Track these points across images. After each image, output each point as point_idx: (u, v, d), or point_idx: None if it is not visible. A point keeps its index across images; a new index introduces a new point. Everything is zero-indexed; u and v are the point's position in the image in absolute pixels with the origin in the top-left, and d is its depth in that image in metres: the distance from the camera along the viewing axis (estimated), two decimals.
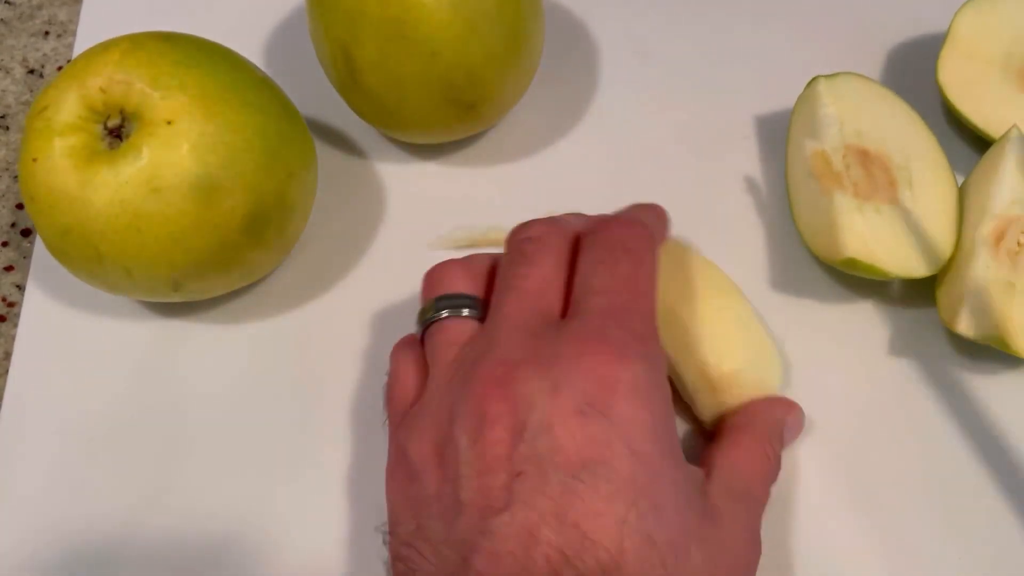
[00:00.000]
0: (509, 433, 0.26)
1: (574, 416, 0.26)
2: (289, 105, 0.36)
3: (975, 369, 0.36)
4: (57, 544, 0.33)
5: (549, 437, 0.26)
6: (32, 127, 0.32)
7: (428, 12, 0.34)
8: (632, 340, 0.28)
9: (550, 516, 0.25)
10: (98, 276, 0.34)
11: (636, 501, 0.25)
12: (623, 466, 0.26)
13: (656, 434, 0.27)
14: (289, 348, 0.38)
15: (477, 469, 0.26)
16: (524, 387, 0.27)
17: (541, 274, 0.30)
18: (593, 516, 0.25)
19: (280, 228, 0.35)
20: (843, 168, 0.38)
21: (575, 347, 0.27)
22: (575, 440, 0.26)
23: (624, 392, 0.27)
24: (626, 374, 0.27)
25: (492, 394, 0.27)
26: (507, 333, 0.29)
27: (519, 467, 0.26)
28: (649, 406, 0.27)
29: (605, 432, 0.26)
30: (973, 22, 0.42)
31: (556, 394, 0.26)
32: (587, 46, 0.46)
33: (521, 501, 0.25)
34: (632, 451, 0.26)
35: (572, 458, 0.26)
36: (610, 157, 0.42)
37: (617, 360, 0.27)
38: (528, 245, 0.31)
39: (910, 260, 0.36)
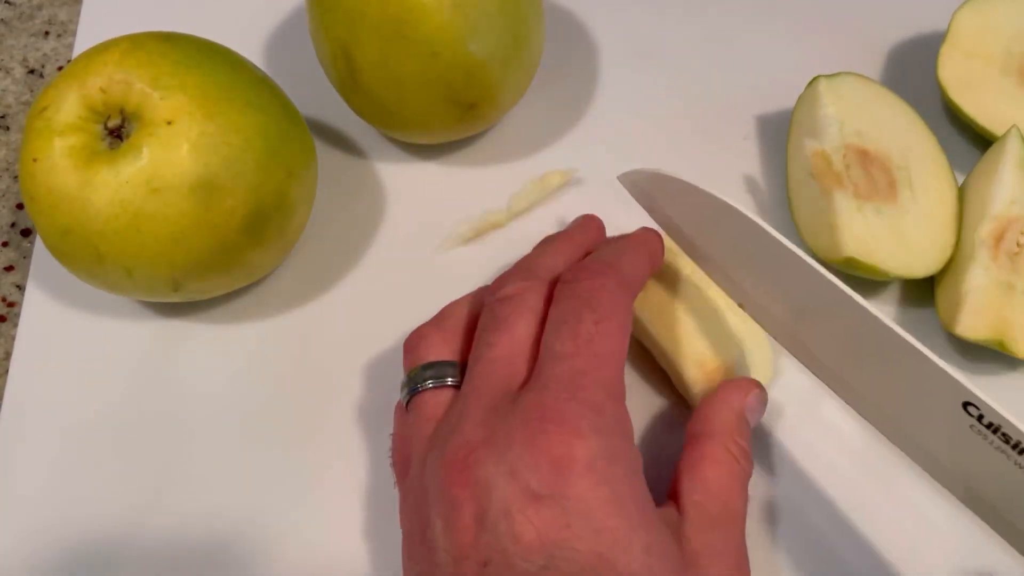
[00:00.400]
0: (473, 520, 0.27)
1: (530, 502, 0.26)
2: (289, 105, 0.36)
3: (974, 370, 0.36)
4: (57, 544, 0.33)
5: (508, 524, 0.26)
6: (32, 127, 0.32)
7: (428, 12, 0.34)
8: (588, 412, 0.27)
9: None
10: (98, 276, 0.34)
11: (599, 573, 0.25)
12: (584, 545, 0.26)
13: (619, 506, 0.26)
14: (289, 348, 0.38)
15: (453, 556, 0.27)
16: (482, 471, 0.27)
17: (510, 339, 0.30)
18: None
19: (280, 228, 0.35)
20: (843, 168, 0.38)
21: (529, 428, 0.27)
22: (533, 526, 0.26)
23: (580, 471, 0.26)
24: (581, 452, 0.27)
25: (455, 479, 0.27)
26: (471, 410, 0.29)
27: (485, 556, 0.26)
28: (608, 481, 0.27)
29: (562, 515, 0.26)
30: (972, 20, 0.42)
31: (512, 479, 0.26)
32: (587, 46, 0.46)
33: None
34: (594, 529, 0.26)
35: (533, 545, 0.26)
36: (610, 157, 0.42)
37: (570, 439, 0.27)
38: (501, 308, 0.31)
39: (909, 260, 0.36)
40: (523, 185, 0.41)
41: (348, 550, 0.33)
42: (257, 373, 0.37)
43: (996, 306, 0.34)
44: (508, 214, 0.40)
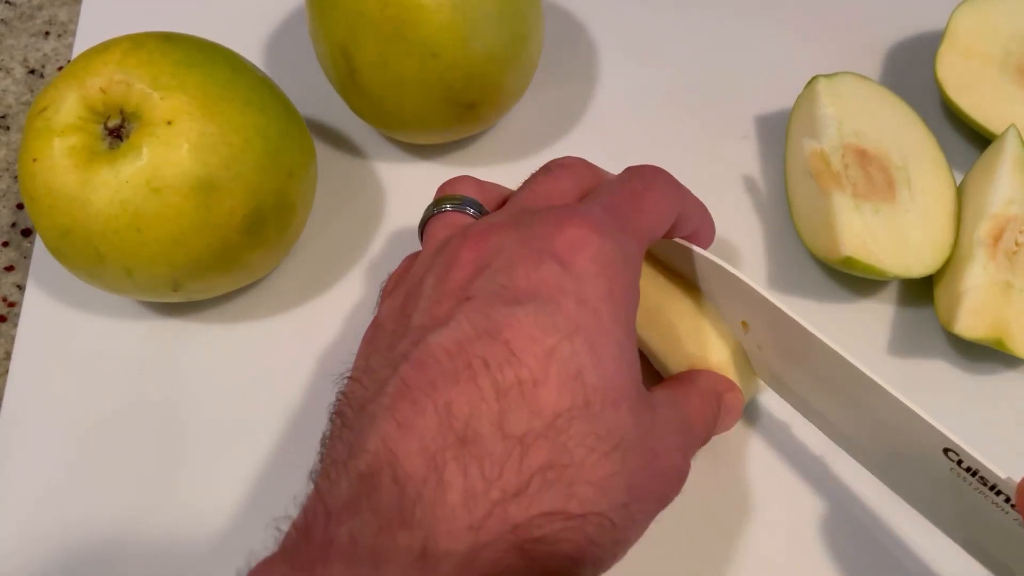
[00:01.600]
0: (472, 271, 0.27)
1: (535, 258, 0.26)
2: (289, 105, 0.36)
3: (973, 369, 0.37)
4: (57, 544, 0.33)
5: (507, 274, 0.26)
6: (32, 127, 0.32)
7: (428, 13, 0.35)
8: (614, 225, 0.28)
9: (484, 333, 0.25)
10: (98, 276, 0.34)
11: (572, 339, 0.25)
12: (568, 308, 0.26)
13: (611, 300, 0.27)
14: (289, 347, 0.38)
15: (433, 299, 0.27)
16: (498, 239, 0.28)
17: (555, 185, 0.31)
18: (525, 339, 0.25)
19: (280, 228, 0.35)
20: (842, 168, 0.38)
21: (557, 214, 0.28)
22: (530, 278, 0.26)
23: (589, 255, 0.27)
24: (596, 241, 0.27)
25: (468, 244, 0.28)
26: (504, 211, 0.30)
27: (470, 293, 0.26)
28: (609, 276, 0.27)
29: (560, 278, 0.26)
30: (971, 20, 0.42)
31: (525, 244, 0.27)
32: (586, 47, 0.46)
33: (462, 318, 0.26)
34: (581, 300, 0.26)
35: (521, 291, 0.26)
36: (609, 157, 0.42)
37: (590, 230, 0.27)
38: (555, 166, 0.32)
39: (908, 260, 0.36)
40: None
41: None
42: (257, 373, 0.37)
43: (994, 305, 0.34)
44: None
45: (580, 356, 0.25)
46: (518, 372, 0.25)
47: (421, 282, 0.28)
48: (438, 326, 0.26)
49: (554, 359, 0.25)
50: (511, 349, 0.25)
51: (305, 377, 0.37)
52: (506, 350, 0.25)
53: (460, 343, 0.25)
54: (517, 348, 0.25)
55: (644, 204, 0.30)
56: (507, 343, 0.25)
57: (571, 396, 0.25)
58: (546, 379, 0.25)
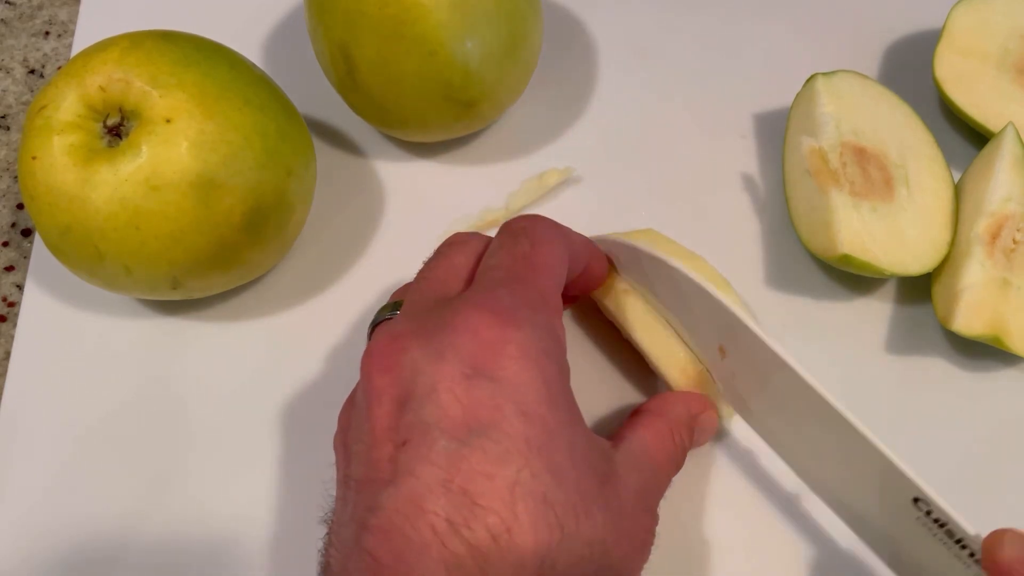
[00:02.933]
0: (394, 404, 0.26)
1: (459, 381, 0.25)
2: (288, 104, 0.36)
3: (971, 366, 0.37)
4: (57, 543, 0.34)
5: (434, 403, 0.25)
6: (31, 125, 0.32)
7: (426, 11, 0.35)
8: (522, 306, 0.27)
9: (436, 484, 0.24)
10: (98, 274, 0.34)
11: (529, 462, 0.24)
12: (513, 428, 0.25)
13: (550, 397, 0.26)
14: (288, 346, 0.38)
15: (367, 444, 0.26)
16: (407, 357, 0.26)
17: (448, 263, 0.30)
18: (482, 479, 0.24)
19: (279, 226, 0.35)
20: (840, 166, 0.38)
21: (461, 314, 0.26)
22: (461, 404, 0.25)
23: (512, 354, 0.26)
24: (514, 336, 0.26)
25: (376, 367, 0.27)
26: (406, 311, 0.29)
27: (404, 436, 0.25)
28: (540, 370, 0.26)
29: (492, 395, 0.25)
30: (968, 18, 0.42)
31: (440, 360, 0.26)
32: (585, 45, 0.46)
33: (406, 471, 0.24)
34: (523, 412, 0.25)
35: (458, 423, 0.25)
36: (608, 155, 0.42)
37: (503, 324, 0.26)
38: (445, 247, 0.31)
39: (905, 258, 0.36)
40: (521, 183, 0.41)
41: None
42: (257, 371, 0.37)
43: (992, 302, 0.35)
44: (506, 212, 0.40)
45: (542, 480, 0.24)
46: (486, 522, 0.24)
47: (350, 420, 0.28)
48: (384, 482, 0.25)
49: (517, 494, 0.24)
50: (471, 498, 0.24)
51: (305, 376, 0.37)
52: (466, 501, 0.24)
53: (414, 502, 0.24)
54: (476, 494, 0.24)
55: (537, 264, 0.29)
56: (465, 492, 0.24)
57: (547, 530, 0.24)
58: (517, 521, 0.24)
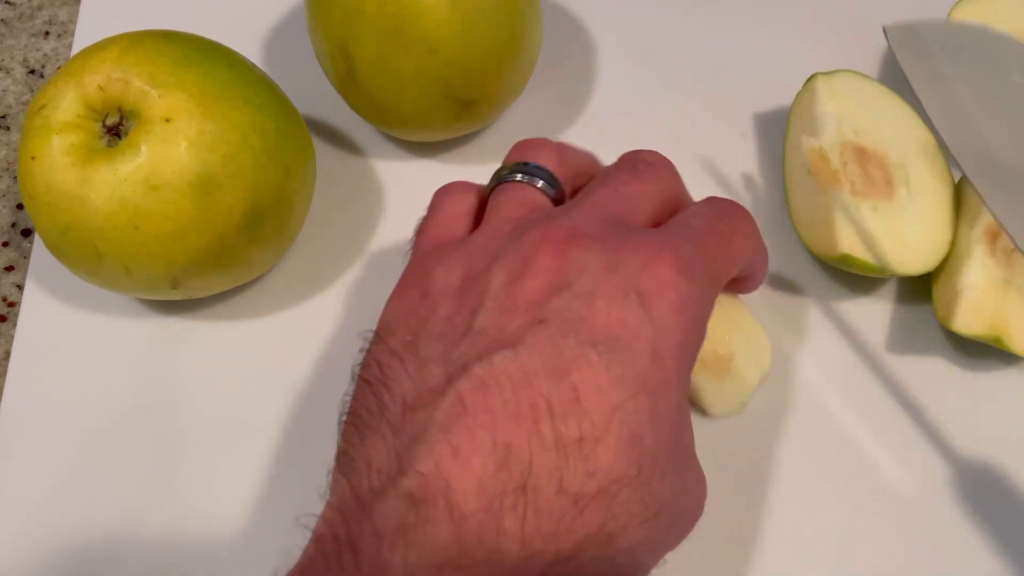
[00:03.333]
0: (549, 285, 0.26)
1: (618, 296, 0.26)
2: (287, 103, 0.36)
3: (971, 367, 0.37)
4: (57, 544, 0.33)
5: (586, 303, 0.25)
6: (31, 125, 0.32)
7: (426, 10, 0.35)
8: (700, 270, 0.27)
9: (552, 369, 0.24)
10: (97, 274, 0.34)
11: (636, 397, 0.25)
12: (641, 360, 0.25)
13: (681, 353, 0.26)
14: (288, 346, 0.38)
15: (502, 304, 0.26)
16: (582, 254, 0.26)
17: (642, 188, 0.30)
18: (593, 388, 0.24)
19: (278, 225, 0.35)
20: (840, 165, 0.38)
21: (648, 245, 0.27)
22: (609, 316, 0.25)
23: (672, 299, 0.26)
24: (682, 287, 0.26)
25: (548, 248, 0.27)
26: (586, 211, 0.29)
27: (545, 315, 0.25)
28: (685, 327, 0.26)
29: (640, 323, 0.25)
30: (968, 17, 0.42)
31: (611, 271, 0.26)
32: (585, 44, 0.46)
33: (532, 344, 0.25)
34: (655, 352, 0.25)
35: (598, 329, 0.25)
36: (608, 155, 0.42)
37: (679, 270, 0.26)
38: (641, 164, 0.31)
39: (906, 258, 0.36)
40: None
41: None
42: (256, 371, 0.37)
43: (992, 302, 0.35)
44: None
45: (640, 417, 0.25)
46: (580, 424, 0.24)
47: (488, 270, 0.27)
48: (505, 344, 0.25)
49: (616, 417, 0.24)
50: (577, 396, 0.24)
51: (305, 375, 0.37)
52: (572, 397, 0.24)
53: (527, 374, 0.24)
54: (583, 396, 0.24)
55: (730, 251, 0.30)
56: (574, 388, 0.24)
57: (626, 462, 0.24)
58: (606, 438, 0.24)
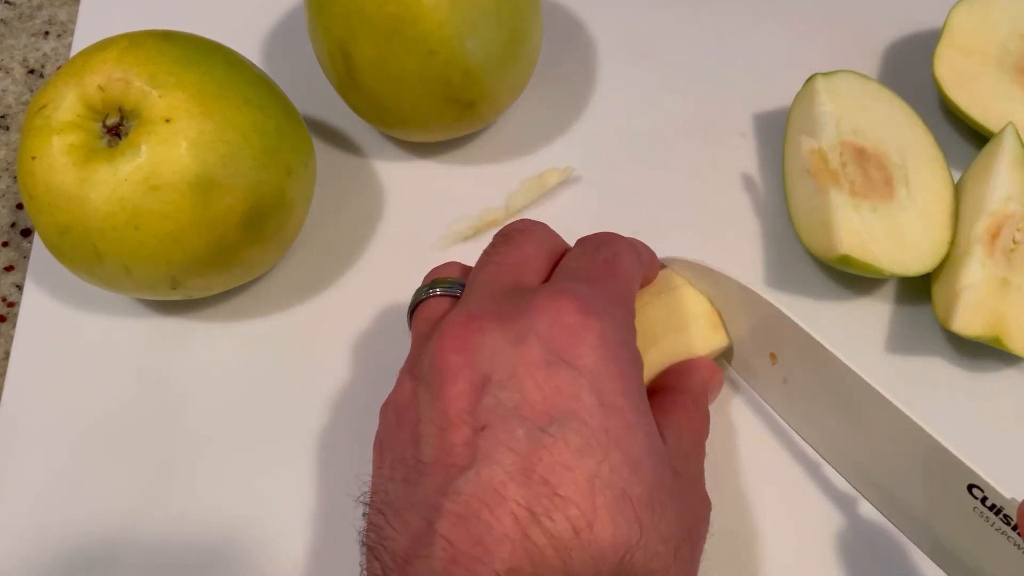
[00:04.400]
0: (471, 386, 0.25)
1: (540, 366, 0.25)
2: (287, 103, 0.36)
3: (971, 367, 0.37)
4: (57, 543, 0.34)
5: (514, 388, 0.25)
6: (31, 125, 0.32)
7: (426, 10, 0.35)
8: (602, 300, 0.27)
9: (517, 472, 0.24)
10: (97, 274, 0.34)
11: (608, 454, 0.24)
12: (593, 418, 0.25)
13: (626, 387, 0.26)
14: (288, 345, 0.38)
15: (439, 426, 0.25)
16: (486, 338, 0.26)
17: (520, 252, 0.30)
18: (563, 470, 0.24)
19: (278, 226, 0.35)
20: (839, 166, 0.38)
21: (544, 300, 0.26)
22: (542, 391, 0.25)
23: (592, 343, 0.25)
24: (595, 325, 0.26)
25: (451, 346, 0.26)
26: (477, 293, 0.28)
27: (483, 421, 0.25)
28: (617, 359, 0.26)
29: (573, 383, 0.25)
30: (968, 18, 0.42)
31: (521, 344, 0.25)
32: (585, 44, 0.46)
33: (485, 457, 0.24)
34: (602, 402, 0.25)
35: (539, 410, 0.24)
36: (607, 155, 0.42)
37: (585, 312, 0.26)
38: (515, 232, 0.31)
39: (905, 258, 0.36)
40: (521, 183, 0.41)
41: (349, 549, 0.33)
42: (256, 371, 0.37)
43: (992, 302, 0.35)
44: (506, 212, 0.40)
45: (620, 472, 0.24)
46: (567, 515, 0.24)
47: (415, 395, 0.27)
48: (462, 467, 0.24)
49: (597, 488, 0.24)
50: (552, 488, 0.24)
51: (304, 375, 0.37)
52: (547, 491, 0.24)
53: (495, 489, 0.24)
54: (558, 484, 0.24)
55: (619, 271, 0.29)
56: (546, 481, 0.24)
57: (626, 525, 0.24)
58: (597, 516, 0.24)
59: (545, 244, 0.31)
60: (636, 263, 0.31)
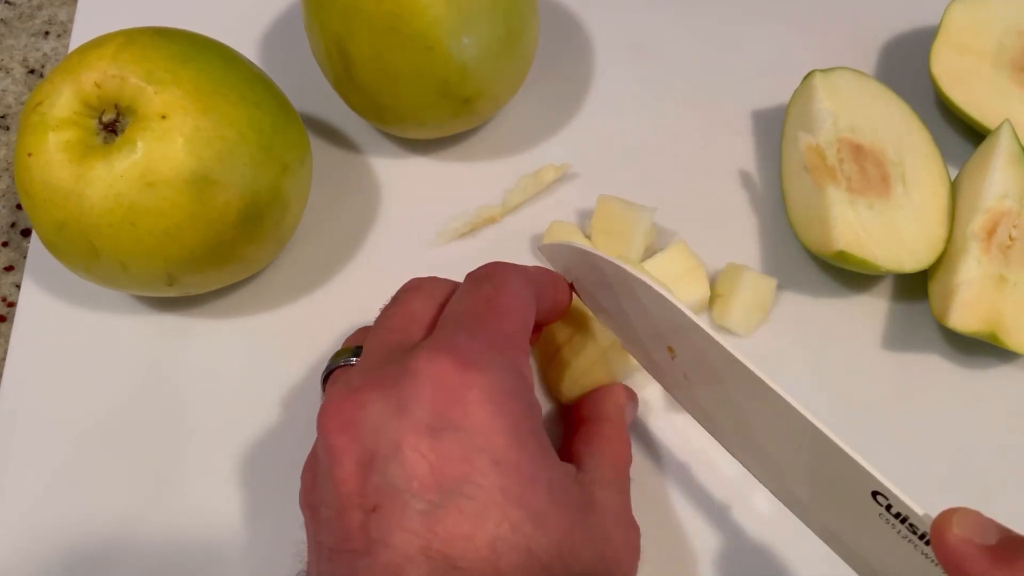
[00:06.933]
0: (357, 465, 0.25)
1: (425, 435, 0.24)
2: (284, 100, 0.36)
3: (967, 363, 0.37)
4: (56, 543, 0.34)
5: (400, 464, 0.24)
6: (27, 122, 0.32)
7: (423, 7, 0.35)
8: (484, 349, 0.26)
9: (414, 552, 0.23)
10: (93, 271, 0.34)
11: (507, 514, 0.24)
12: (487, 480, 0.24)
13: (519, 440, 0.25)
14: (285, 342, 0.38)
15: (335, 510, 0.25)
16: (367, 411, 0.25)
17: (406, 310, 0.29)
18: (461, 541, 0.23)
19: (275, 222, 0.35)
20: (837, 163, 0.38)
21: (422, 361, 0.25)
22: (428, 461, 0.24)
23: (476, 399, 0.25)
24: (477, 380, 0.25)
25: (333, 425, 0.25)
26: (363, 362, 0.28)
27: (373, 501, 0.24)
28: (506, 413, 0.25)
29: (461, 447, 0.24)
30: (965, 15, 0.42)
31: (402, 414, 0.24)
32: (582, 41, 0.46)
33: (380, 542, 0.23)
34: (495, 461, 0.24)
35: (428, 482, 0.24)
36: (605, 152, 0.42)
37: (464, 368, 0.25)
38: (402, 292, 0.31)
39: (901, 255, 0.36)
40: (517, 180, 0.41)
41: None
42: (254, 367, 0.37)
43: (988, 299, 0.35)
44: (503, 209, 0.40)
45: (522, 529, 0.24)
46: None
47: (314, 478, 0.26)
48: (359, 554, 0.24)
49: (500, 550, 0.23)
50: (452, 562, 0.23)
51: (302, 372, 0.37)
52: (447, 565, 0.23)
53: (394, 573, 0.23)
54: (458, 557, 0.23)
55: (501, 306, 0.28)
56: (445, 556, 0.23)
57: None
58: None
59: (435, 296, 0.30)
60: (524, 293, 0.29)
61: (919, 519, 0.24)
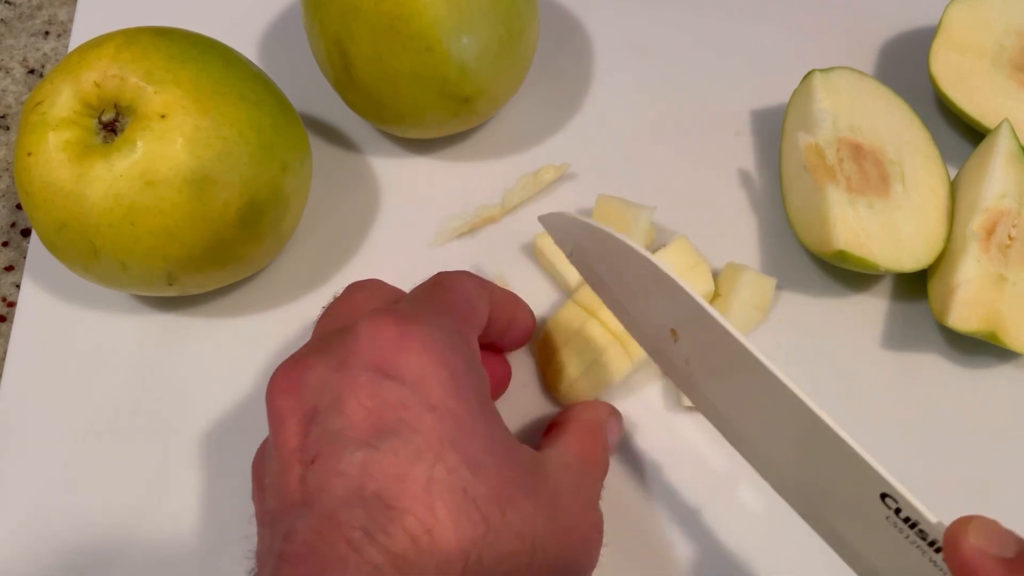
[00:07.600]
0: (300, 424, 0.25)
1: (364, 385, 0.24)
2: (283, 99, 0.36)
3: (966, 363, 0.37)
4: (56, 543, 0.34)
5: (339, 412, 0.24)
6: (27, 121, 0.32)
7: (422, 7, 0.35)
8: (426, 311, 0.27)
9: (349, 495, 0.23)
10: (93, 270, 0.34)
11: (443, 456, 0.24)
12: (423, 423, 0.24)
13: (458, 390, 0.25)
14: (285, 342, 0.38)
15: (277, 472, 0.25)
16: (310, 374, 0.26)
17: (350, 300, 0.30)
18: (394, 482, 0.23)
19: (275, 222, 0.35)
20: (836, 162, 0.38)
21: (364, 323, 0.26)
22: (366, 408, 0.24)
23: (415, 349, 0.25)
24: (416, 331, 0.25)
25: (278, 389, 0.26)
26: (311, 342, 0.28)
27: (312, 453, 0.24)
28: (444, 363, 0.25)
29: (398, 394, 0.24)
30: (964, 15, 0.42)
31: (343, 368, 0.25)
32: (581, 41, 0.46)
33: (316, 488, 0.24)
34: (431, 407, 0.24)
35: (365, 427, 0.24)
36: (604, 151, 0.42)
37: (404, 322, 0.25)
38: (351, 286, 0.31)
39: (901, 254, 0.36)
40: (517, 180, 0.41)
41: None
42: (253, 367, 0.37)
43: (987, 298, 0.35)
44: (502, 208, 0.40)
45: (458, 472, 0.24)
46: (404, 525, 0.23)
47: (264, 453, 0.27)
48: (297, 506, 0.24)
49: (434, 492, 0.23)
50: (385, 502, 0.23)
51: None
52: (380, 505, 0.23)
53: (329, 518, 0.23)
54: (391, 498, 0.23)
55: (447, 286, 0.29)
56: (379, 496, 0.23)
57: (470, 525, 0.23)
58: (436, 520, 0.23)
59: (378, 292, 0.31)
60: (473, 285, 0.30)
61: (931, 526, 0.23)
